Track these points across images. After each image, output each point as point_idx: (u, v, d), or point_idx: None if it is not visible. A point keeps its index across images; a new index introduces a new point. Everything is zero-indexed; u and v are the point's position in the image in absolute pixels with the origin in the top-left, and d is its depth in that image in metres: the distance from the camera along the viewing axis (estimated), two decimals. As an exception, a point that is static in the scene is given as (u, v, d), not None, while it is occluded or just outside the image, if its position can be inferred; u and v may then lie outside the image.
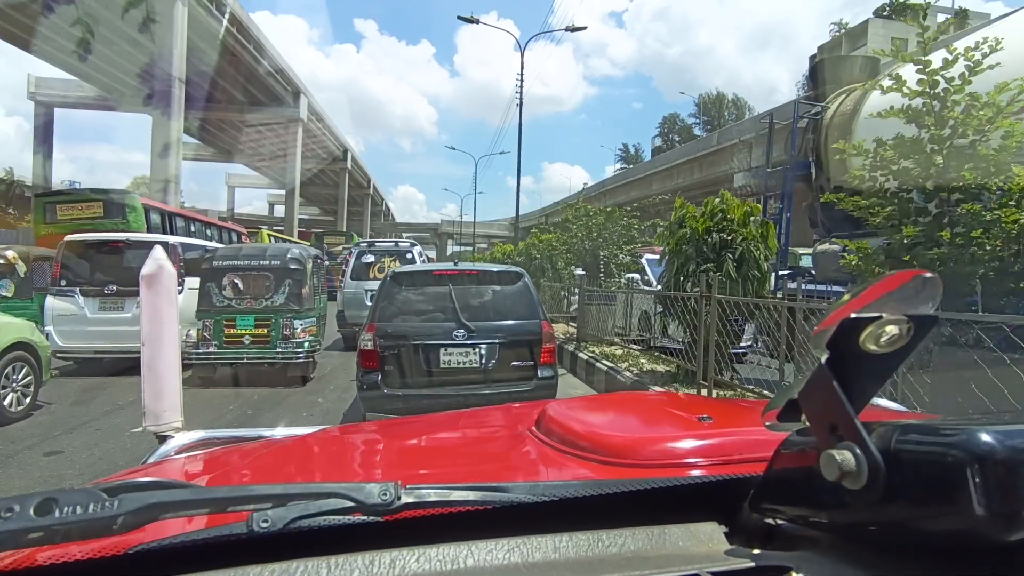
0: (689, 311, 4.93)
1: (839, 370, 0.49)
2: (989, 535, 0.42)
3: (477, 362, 4.09)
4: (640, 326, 7.47)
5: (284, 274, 6.25)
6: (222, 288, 6.14)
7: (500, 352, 4.13)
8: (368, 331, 4.08)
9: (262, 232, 20.81)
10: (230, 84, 28.37)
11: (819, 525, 0.55)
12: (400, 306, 4.21)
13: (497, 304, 4.33)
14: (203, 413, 5.00)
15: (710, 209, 5.05)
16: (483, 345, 4.10)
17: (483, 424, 1.37)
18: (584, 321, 8.05)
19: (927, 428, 0.48)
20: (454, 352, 4.08)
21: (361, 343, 4.12)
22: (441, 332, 4.09)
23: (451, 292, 4.19)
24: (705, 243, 4.93)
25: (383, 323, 4.10)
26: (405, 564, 0.54)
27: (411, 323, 4.17)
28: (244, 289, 6.18)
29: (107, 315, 6.64)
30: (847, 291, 0.52)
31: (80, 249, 6.94)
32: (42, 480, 3.61)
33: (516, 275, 4.47)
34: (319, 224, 55.81)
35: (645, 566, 0.55)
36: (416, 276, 4.54)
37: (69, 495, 0.48)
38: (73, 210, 11.23)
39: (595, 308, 7.84)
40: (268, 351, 6.14)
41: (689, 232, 5.08)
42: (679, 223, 5.24)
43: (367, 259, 9.36)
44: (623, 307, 7.69)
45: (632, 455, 0.82)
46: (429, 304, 4.25)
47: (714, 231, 4.92)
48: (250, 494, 0.57)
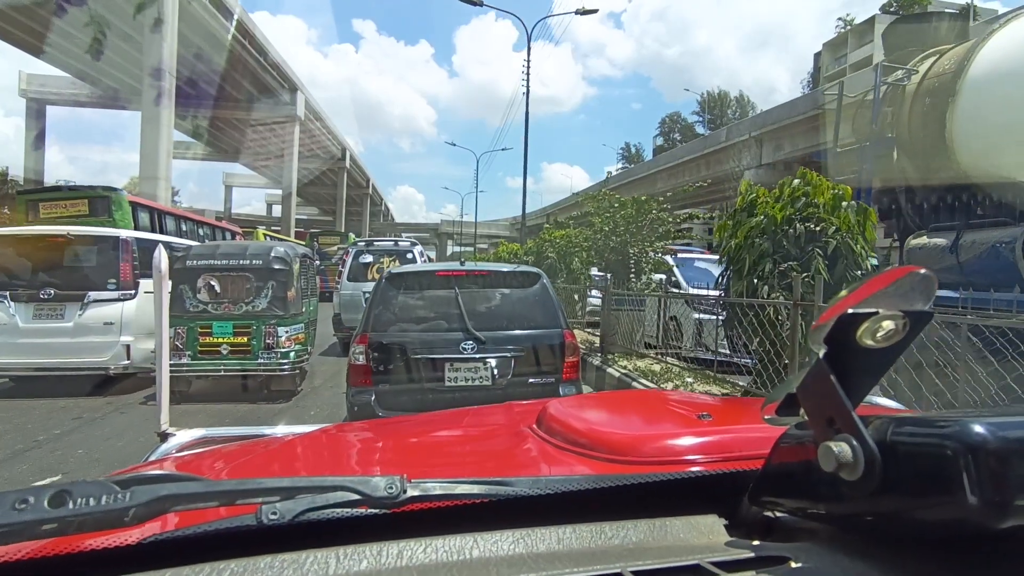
0: (766, 322, 4.01)
1: (837, 364, 0.50)
2: (982, 523, 0.43)
3: (488, 379, 3.44)
4: (670, 334, 6.61)
5: (267, 275, 5.51)
6: (196, 291, 5.37)
7: (515, 367, 3.50)
8: (359, 343, 3.44)
9: (258, 231, 20.24)
10: (225, 80, 27.66)
11: (817, 517, 0.57)
12: (397, 313, 3.59)
13: (512, 310, 3.71)
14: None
15: (789, 192, 4.09)
16: (495, 359, 3.47)
17: (484, 422, 1.35)
18: (610, 329, 7.02)
19: (922, 420, 0.49)
20: (461, 368, 3.45)
21: (352, 356, 3.48)
22: (446, 344, 3.47)
23: (457, 296, 3.56)
24: (785, 235, 3.97)
25: (377, 333, 3.46)
26: (413, 554, 0.54)
27: (410, 333, 3.52)
28: (222, 292, 5.42)
29: (43, 324, 5.57)
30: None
31: (11, 245, 5.83)
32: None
33: (533, 276, 3.84)
34: (318, 224, 55.18)
35: (646, 556, 0.56)
36: (416, 278, 3.89)
37: (82, 487, 0.49)
38: (57, 208, 10.69)
39: (624, 314, 6.89)
40: (249, 362, 5.40)
41: (763, 221, 4.08)
42: (747, 209, 4.26)
43: (365, 259, 8.76)
44: (653, 313, 6.79)
45: (632, 452, 0.82)
46: (431, 311, 3.65)
47: (797, 220, 3.96)
48: (259, 487, 0.58)
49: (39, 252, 5.88)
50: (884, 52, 8.23)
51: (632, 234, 7.37)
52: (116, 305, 5.77)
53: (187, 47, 22.73)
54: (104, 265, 5.88)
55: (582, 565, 0.54)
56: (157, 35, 18.74)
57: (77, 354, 5.57)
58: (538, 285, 3.76)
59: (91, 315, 5.68)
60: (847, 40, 42.97)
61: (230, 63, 25.93)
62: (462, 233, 53.35)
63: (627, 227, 7.45)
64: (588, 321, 9.68)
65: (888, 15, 41.23)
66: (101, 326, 5.66)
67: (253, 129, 36.11)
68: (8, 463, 3.89)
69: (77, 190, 11.32)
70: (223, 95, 29.28)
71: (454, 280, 3.65)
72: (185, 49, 22.54)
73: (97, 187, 11.59)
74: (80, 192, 11.17)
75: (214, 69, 25.57)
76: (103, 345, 5.64)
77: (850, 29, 43.22)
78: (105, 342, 5.64)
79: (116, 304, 5.77)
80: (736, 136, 24.09)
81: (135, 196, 12.75)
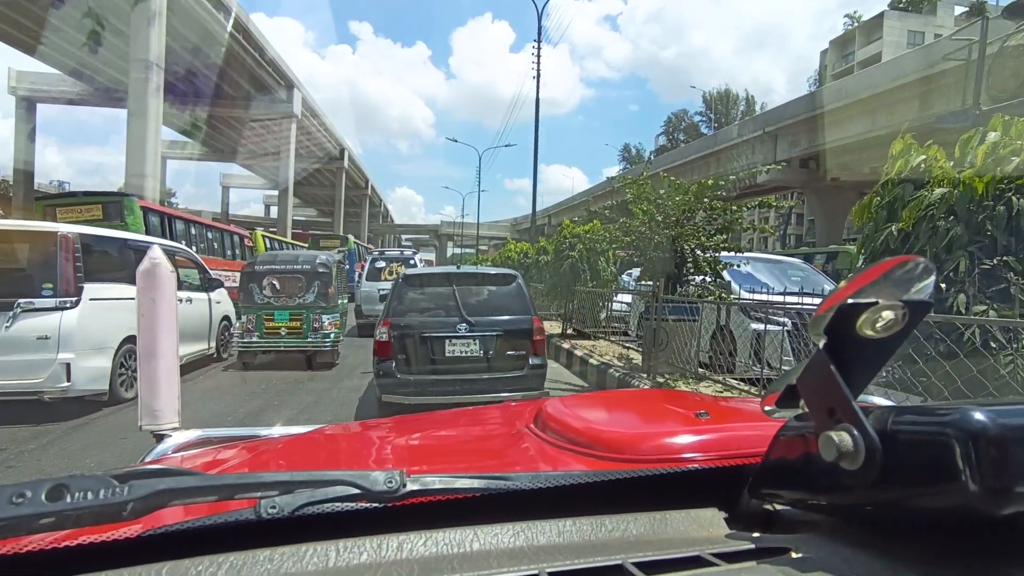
0: (962, 350, 2.71)
1: (837, 355, 0.50)
2: (983, 510, 0.43)
3: (477, 351, 4.59)
4: (717, 348, 5.39)
5: (313, 277, 7.22)
6: (262, 288, 7.13)
7: (497, 343, 4.62)
8: (383, 325, 4.58)
9: (256, 233, 19.88)
10: (220, 77, 26.73)
11: (818, 508, 0.57)
12: (410, 304, 4.71)
13: (494, 302, 4.83)
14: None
15: (985, 152, 2.76)
16: (482, 337, 4.60)
17: (481, 422, 1.34)
18: (657, 344, 5.63)
19: (922, 409, 0.48)
20: (457, 343, 4.57)
21: (377, 335, 4.60)
22: (446, 326, 4.59)
23: (455, 291, 4.70)
24: (992, 217, 2.71)
25: (396, 318, 4.59)
26: (413, 547, 0.54)
27: (420, 318, 4.66)
28: (280, 289, 7.18)
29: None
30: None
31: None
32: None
33: (511, 277, 5.01)
34: (316, 226, 54.38)
35: (647, 549, 0.55)
36: (425, 277, 5.01)
37: (80, 481, 0.48)
38: (72, 213, 11.25)
39: (679, 326, 5.54)
40: (301, 341, 7.13)
41: (952, 195, 2.80)
42: (916, 181, 2.99)
43: (379, 264, 11.47)
44: (711, 324, 5.55)
45: (629, 450, 0.81)
46: (435, 302, 4.75)
47: (1012, 193, 2.68)
48: (258, 481, 0.57)
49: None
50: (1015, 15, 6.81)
51: (682, 226, 5.89)
52: (53, 315, 4.71)
53: (181, 41, 21.89)
54: (40, 267, 4.81)
55: (583, 557, 0.53)
56: (144, 22, 17.86)
57: (8, 374, 4.52)
58: (514, 283, 4.92)
59: (20, 327, 4.60)
60: (855, 37, 42.33)
61: (226, 59, 25.03)
62: (463, 234, 52.43)
63: (679, 217, 5.95)
64: (614, 329, 8.50)
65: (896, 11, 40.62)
66: (33, 340, 4.60)
67: (249, 128, 35.22)
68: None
69: (91, 195, 11.86)
70: (219, 92, 28.38)
71: (452, 278, 4.80)
72: (178, 43, 21.71)
73: (110, 193, 12.44)
74: (94, 197, 11.71)
75: (209, 65, 24.68)
76: (36, 364, 4.58)
77: (858, 26, 42.56)
78: (38, 360, 4.58)
79: (54, 314, 4.72)
80: (749, 132, 23.27)
81: (145, 201, 13.26)
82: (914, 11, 41.11)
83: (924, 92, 15.66)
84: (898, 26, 40.12)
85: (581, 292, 9.28)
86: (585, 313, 9.34)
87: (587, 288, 9.10)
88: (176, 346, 1.48)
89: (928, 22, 39.54)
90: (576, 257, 9.20)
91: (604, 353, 7.39)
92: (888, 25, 40.23)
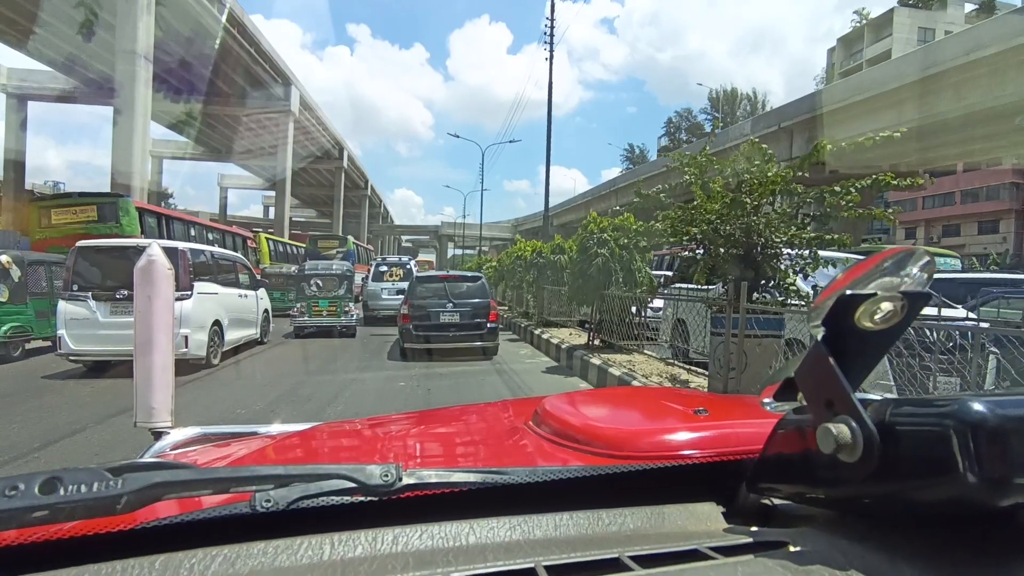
0: None
1: (835, 347, 0.49)
2: (982, 501, 0.43)
3: (458, 319, 8.46)
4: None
5: (343, 278, 11.41)
6: (311, 285, 11.13)
7: (469, 313, 8.49)
8: (405, 304, 8.57)
9: (260, 236, 19.88)
10: (215, 72, 25.83)
11: (816, 501, 0.56)
12: (420, 293, 8.68)
13: (467, 291, 8.82)
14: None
15: None
16: (461, 311, 8.50)
17: (479, 419, 1.30)
18: (729, 369, 4.57)
19: (920, 401, 0.48)
20: (446, 314, 8.45)
21: (401, 310, 8.70)
22: (440, 304, 8.50)
23: (445, 286, 8.81)
24: None
25: (412, 300, 8.56)
26: (408, 540, 0.53)
27: (425, 300, 8.57)
28: (323, 286, 11.16)
29: (118, 319, 6.55)
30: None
31: (91, 255, 7.03)
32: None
33: (478, 277, 9.35)
34: (315, 226, 53.54)
35: (644, 542, 0.55)
36: (428, 278, 9.43)
37: (73, 474, 0.47)
38: (67, 214, 11.22)
39: (760, 344, 4.37)
40: (335, 319, 11.01)
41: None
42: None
43: (383, 269, 14.34)
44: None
45: (627, 447, 0.80)
46: (433, 292, 8.72)
47: None
48: (253, 474, 0.56)
49: (114, 260, 6.90)
50: None
51: (766, 214, 4.56)
52: (177, 304, 5.61)
53: (172, 34, 21.03)
54: None
55: (579, 550, 0.53)
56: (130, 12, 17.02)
57: None
58: (480, 281, 9.09)
59: None
60: (863, 35, 41.63)
61: (220, 53, 24.17)
62: (463, 236, 51.55)
63: (758, 201, 4.56)
64: (650, 337, 7.59)
65: (906, 7, 39.92)
66: None
67: (246, 126, 34.32)
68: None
69: (86, 196, 11.64)
70: (214, 89, 27.49)
71: (443, 278, 9.17)
72: (170, 36, 20.86)
73: (105, 194, 12.23)
74: (89, 198, 11.53)
75: (203, 59, 23.77)
76: None
77: (866, 24, 41.87)
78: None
79: (178, 303, 5.70)
80: (763, 128, 22.45)
81: (141, 203, 13.06)
82: (924, 7, 40.46)
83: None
84: (908, 23, 39.46)
85: (612, 296, 8.05)
86: (614, 321, 7.98)
87: (621, 292, 7.90)
88: (172, 344, 1.44)
89: (938, 18, 38.92)
90: (607, 255, 7.96)
91: (648, 373, 6.18)
92: (898, 22, 39.57)
